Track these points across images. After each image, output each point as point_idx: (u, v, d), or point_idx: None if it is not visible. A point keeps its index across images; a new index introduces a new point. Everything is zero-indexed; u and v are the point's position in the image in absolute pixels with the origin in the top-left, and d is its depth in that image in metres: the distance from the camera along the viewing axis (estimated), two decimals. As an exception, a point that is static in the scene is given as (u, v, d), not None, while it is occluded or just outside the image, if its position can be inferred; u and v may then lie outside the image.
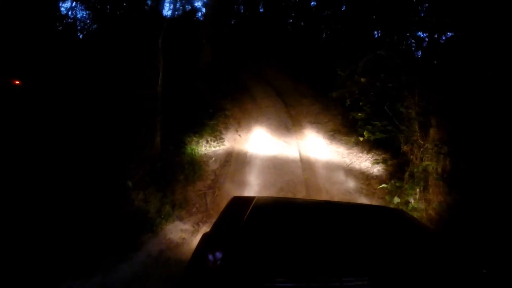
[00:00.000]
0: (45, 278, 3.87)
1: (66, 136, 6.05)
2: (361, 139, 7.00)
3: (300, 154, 8.02)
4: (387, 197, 6.01)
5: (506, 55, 6.44)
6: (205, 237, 2.19)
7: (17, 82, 6.77)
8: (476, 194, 4.75)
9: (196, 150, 7.73)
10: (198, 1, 19.78)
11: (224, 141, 8.47)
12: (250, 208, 2.40)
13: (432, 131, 5.95)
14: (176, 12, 14.95)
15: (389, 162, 7.03)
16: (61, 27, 8.79)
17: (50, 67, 7.06)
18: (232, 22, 20.46)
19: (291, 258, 1.83)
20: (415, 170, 5.94)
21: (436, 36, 10.30)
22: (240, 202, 2.73)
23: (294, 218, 2.46)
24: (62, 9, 9.57)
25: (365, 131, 6.66)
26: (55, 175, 5.23)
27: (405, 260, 1.86)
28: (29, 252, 4.08)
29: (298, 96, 11.37)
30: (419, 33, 11.40)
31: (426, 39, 11.11)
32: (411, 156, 6.23)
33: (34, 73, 6.92)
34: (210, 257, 1.90)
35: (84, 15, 9.92)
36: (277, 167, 7.49)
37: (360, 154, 7.73)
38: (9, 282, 3.72)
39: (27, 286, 3.76)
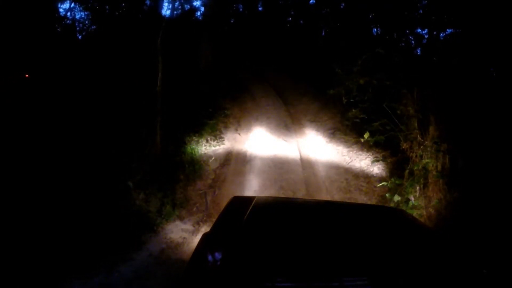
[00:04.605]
0: (47, 277, 3.88)
1: (67, 135, 6.06)
2: (361, 140, 6.99)
3: (300, 153, 8.02)
4: (387, 195, 6.01)
5: (506, 51, 6.44)
6: (205, 237, 2.20)
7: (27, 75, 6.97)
8: (475, 191, 4.76)
9: (196, 150, 7.74)
10: (197, 1, 19.73)
11: (224, 140, 8.47)
12: (250, 208, 2.40)
13: (431, 129, 5.95)
14: (175, 12, 14.93)
15: (389, 160, 7.03)
16: (60, 29, 8.77)
17: (51, 68, 7.07)
18: (232, 21, 20.43)
19: (291, 258, 1.83)
20: (414, 167, 5.93)
21: (435, 33, 10.30)
22: (240, 202, 2.73)
23: (294, 218, 2.46)
24: (61, 10, 9.54)
25: (366, 133, 6.64)
26: (56, 175, 5.25)
27: (406, 260, 1.86)
28: (32, 251, 4.09)
29: (298, 94, 11.37)
30: (419, 30, 11.41)
31: (426, 36, 11.12)
32: (411, 154, 6.22)
33: (38, 72, 6.95)
34: (210, 257, 1.91)
35: (83, 16, 9.90)
36: (277, 165, 7.49)
37: (360, 152, 7.73)
38: (11, 281, 3.74)
39: (29, 285, 3.77)
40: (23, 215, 4.50)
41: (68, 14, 9.64)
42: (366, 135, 6.73)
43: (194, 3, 17.50)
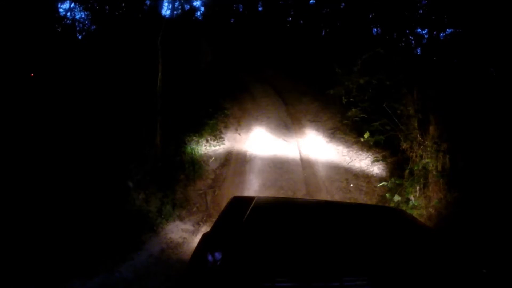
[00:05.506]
0: (48, 277, 3.88)
1: (68, 135, 6.06)
2: (362, 140, 6.99)
3: (300, 153, 8.02)
4: (387, 195, 6.01)
5: (506, 51, 6.43)
6: (205, 237, 2.20)
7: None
8: (475, 191, 4.76)
9: (196, 150, 7.74)
10: (197, 1, 19.73)
11: (224, 140, 8.47)
12: (250, 208, 2.41)
13: (431, 129, 5.95)
14: (175, 12, 14.91)
15: (389, 160, 7.03)
16: (60, 29, 8.77)
17: (52, 68, 7.07)
18: (232, 21, 20.43)
19: (291, 258, 1.84)
20: (415, 167, 5.93)
21: (435, 33, 10.29)
22: (240, 202, 2.74)
23: (294, 218, 2.46)
24: (61, 10, 9.53)
25: (366, 133, 6.65)
26: (57, 175, 5.24)
27: (405, 260, 1.86)
28: (33, 251, 4.10)
29: (298, 94, 11.36)
30: (419, 30, 11.41)
31: (426, 36, 11.12)
32: (411, 154, 6.23)
33: (40, 72, 6.97)
34: (210, 257, 1.91)
35: (83, 16, 9.89)
36: (277, 165, 7.49)
37: (360, 152, 7.73)
38: (13, 280, 3.74)
39: (30, 284, 3.77)
40: (25, 216, 4.50)
41: (68, 14, 9.64)
42: (366, 135, 6.73)
43: (194, 3, 17.47)
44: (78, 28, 9.72)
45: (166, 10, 13.99)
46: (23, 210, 4.56)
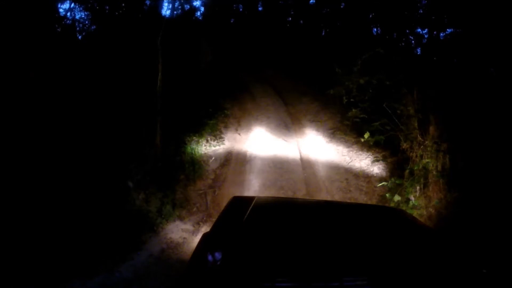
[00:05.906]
0: (48, 276, 3.88)
1: (69, 136, 6.06)
2: (362, 140, 7.00)
3: (300, 153, 8.02)
4: (387, 195, 6.01)
5: (506, 51, 6.44)
6: (205, 237, 2.20)
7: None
8: (475, 191, 4.76)
9: (196, 150, 7.74)
10: (197, 0, 19.73)
11: (224, 140, 8.47)
12: (250, 208, 2.41)
13: (431, 128, 5.95)
14: (175, 12, 14.90)
15: (389, 160, 7.03)
16: (60, 29, 8.77)
17: (52, 68, 7.07)
18: (232, 21, 20.44)
19: (291, 258, 1.84)
20: (415, 167, 5.93)
21: (435, 33, 10.30)
22: (240, 202, 2.74)
23: (294, 218, 2.47)
24: (61, 10, 9.53)
25: (366, 133, 6.65)
26: (58, 175, 5.24)
27: (405, 260, 1.86)
28: (34, 251, 4.10)
29: (298, 94, 11.36)
30: (419, 30, 11.43)
31: (426, 36, 11.13)
32: (411, 154, 6.23)
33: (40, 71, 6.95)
34: (210, 257, 1.91)
35: (83, 16, 9.88)
36: (277, 165, 7.49)
37: (360, 152, 7.73)
38: (13, 280, 3.74)
39: (31, 284, 3.77)
40: (25, 216, 4.49)
41: (68, 14, 9.63)
42: (366, 135, 6.73)
43: (194, 3, 17.48)
44: (78, 28, 9.71)
45: (166, 10, 13.98)
46: (23, 210, 4.56)
